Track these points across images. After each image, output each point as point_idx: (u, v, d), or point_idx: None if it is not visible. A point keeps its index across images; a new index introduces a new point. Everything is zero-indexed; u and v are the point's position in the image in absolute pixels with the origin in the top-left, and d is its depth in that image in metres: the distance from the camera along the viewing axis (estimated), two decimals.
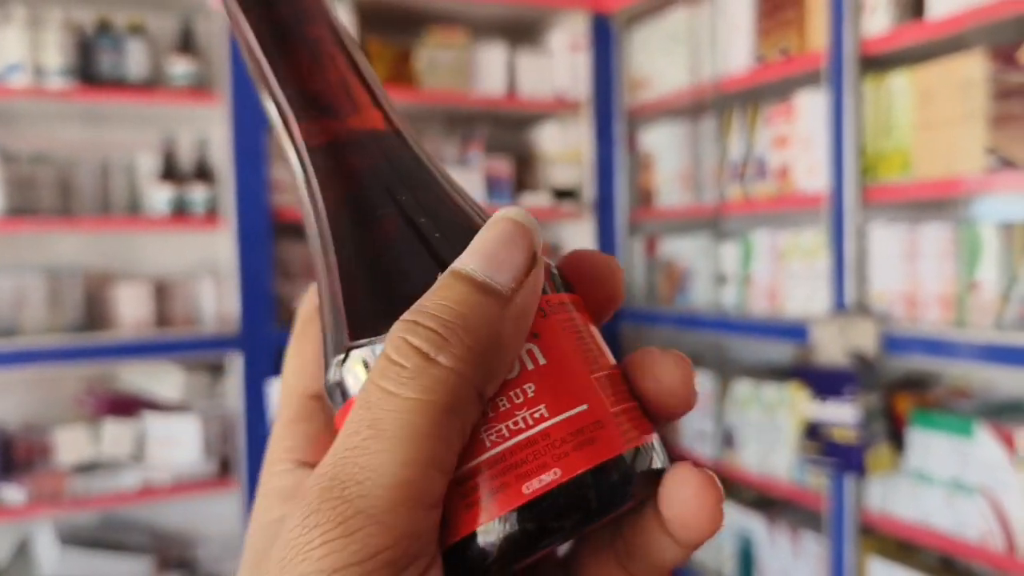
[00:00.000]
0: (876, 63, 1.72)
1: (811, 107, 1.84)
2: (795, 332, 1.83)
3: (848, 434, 1.64)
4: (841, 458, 1.66)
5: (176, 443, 2.02)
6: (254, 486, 2.02)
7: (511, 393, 0.24)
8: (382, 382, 0.23)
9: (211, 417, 2.09)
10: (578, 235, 2.56)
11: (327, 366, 0.27)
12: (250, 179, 2.03)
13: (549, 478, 0.24)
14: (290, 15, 0.27)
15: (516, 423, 0.24)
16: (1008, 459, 1.45)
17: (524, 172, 2.54)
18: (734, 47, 2.06)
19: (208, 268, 2.22)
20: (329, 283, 0.27)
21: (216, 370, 2.19)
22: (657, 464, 0.26)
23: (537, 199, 2.43)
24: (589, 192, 2.49)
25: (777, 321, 1.91)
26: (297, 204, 0.29)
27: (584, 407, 0.25)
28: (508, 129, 2.63)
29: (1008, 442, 1.46)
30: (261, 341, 2.05)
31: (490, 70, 2.37)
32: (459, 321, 0.23)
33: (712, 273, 2.16)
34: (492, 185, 2.38)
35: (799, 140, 1.88)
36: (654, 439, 0.27)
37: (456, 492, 0.24)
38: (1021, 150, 1.42)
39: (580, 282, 0.28)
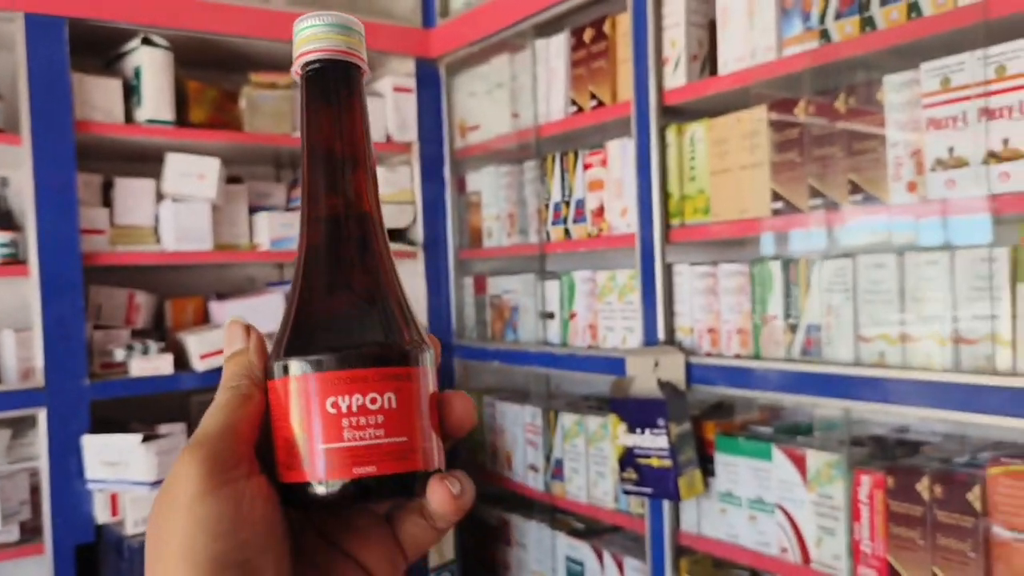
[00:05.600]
0: (678, 113, 1.85)
1: (621, 153, 1.96)
2: (614, 365, 1.92)
3: (662, 462, 1.73)
4: (657, 485, 1.75)
5: None
6: (62, 550, 1.89)
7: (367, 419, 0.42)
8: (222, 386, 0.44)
9: (10, 478, 1.93)
10: (409, 275, 2.57)
11: (272, 356, 0.44)
12: (56, 223, 1.92)
13: (371, 469, 0.42)
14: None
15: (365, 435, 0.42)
16: (800, 479, 1.58)
17: None
18: (552, 94, 2.16)
19: (9, 318, 2.07)
20: (289, 303, 0.45)
21: (20, 425, 2.04)
22: (424, 479, 0.43)
23: None
24: (419, 233, 2.52)
25: (597, 355, 2.00)
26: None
27: (406, 439, 0.42)
28: None
29: (800, 463, 1.59)
30: (70, 395, 1.93)
31: None
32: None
33: (538, 310, 2.24)
34: None
35: (612, 184, 1.99)
36: (431, 467, 0.44)
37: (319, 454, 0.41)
38: (800, 195, 1.57)
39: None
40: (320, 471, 0.41)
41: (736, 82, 1.68)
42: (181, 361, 2.13)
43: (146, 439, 1.86)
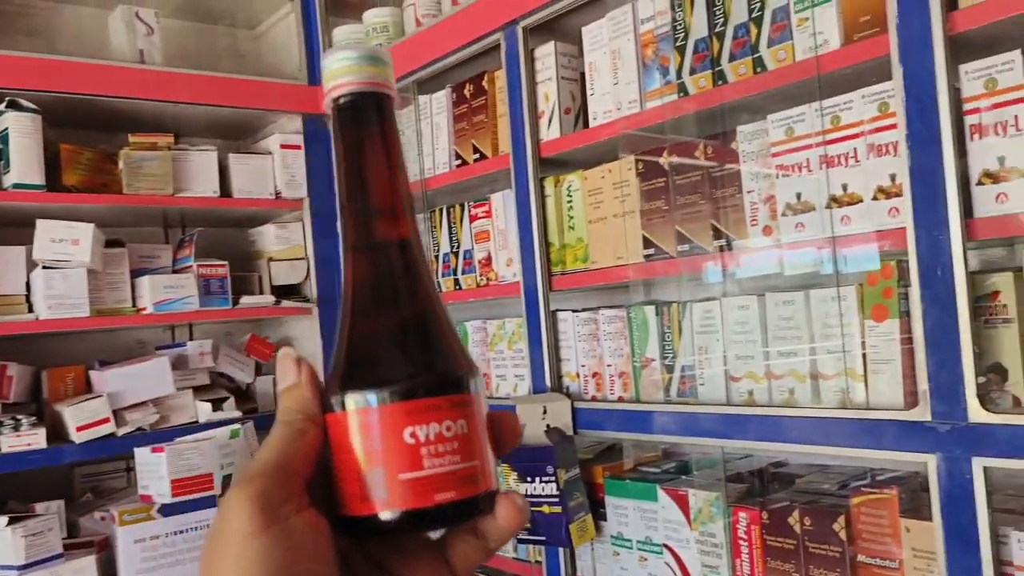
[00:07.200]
0: (557, 165, 1.90)
1: (503, 204, 1.99)
2: None
3: (553, 509, 1.74)
4: (549, 532, 1.75)
5: None
6: None
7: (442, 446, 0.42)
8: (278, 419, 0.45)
9: None
10: (305, 331, 2.54)
11: (330, 389, 0.44)
12: None
13: (451, 495, 0.42)
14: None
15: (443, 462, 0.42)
16: (684, 518, 1.61)
17: (245, 271, 2.51)
18: (437, 148, 2.19)
19: None
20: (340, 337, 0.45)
21: None
22: (492, 498, 0.45)
23: (258, 299, 2.40)
24: (313, 289, 2.50)
25: (490, 403, 2.00)
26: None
27: (477, 462, 0.43)
28: (227, 229, 2.60)
29: (683, 503, 1.62)
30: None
31: (202, 172, 2.33)
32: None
33: None
34: (208, 287, 2.31)
35: (497, 235, 2.02)
36: (495, 486, 0.45)
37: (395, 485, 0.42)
38: (669, 241, 1.63)
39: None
40: (400, 501, 0.42)
41: (605, 134, 1.73)
42: (60, 433, 2.05)
43: (13, 520, 1.77)
